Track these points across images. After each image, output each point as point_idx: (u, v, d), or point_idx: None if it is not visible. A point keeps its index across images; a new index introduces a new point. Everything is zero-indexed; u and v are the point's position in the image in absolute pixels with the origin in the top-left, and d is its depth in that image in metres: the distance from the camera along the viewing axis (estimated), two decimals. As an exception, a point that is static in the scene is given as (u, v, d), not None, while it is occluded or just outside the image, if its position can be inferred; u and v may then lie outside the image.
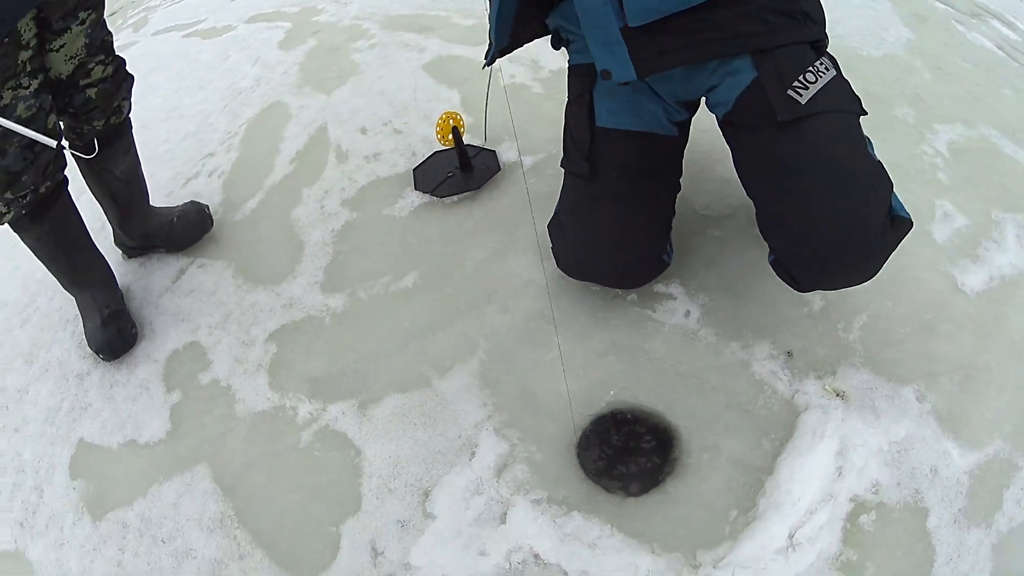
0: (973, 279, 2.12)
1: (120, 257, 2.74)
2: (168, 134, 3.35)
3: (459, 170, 2.59)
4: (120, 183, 2.44)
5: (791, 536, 1.67)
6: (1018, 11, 3.61)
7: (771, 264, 1.83)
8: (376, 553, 1.81)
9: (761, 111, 1.67)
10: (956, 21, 3.36)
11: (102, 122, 2.23)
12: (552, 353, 2.04)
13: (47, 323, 2.67)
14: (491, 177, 2.56)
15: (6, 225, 2.16)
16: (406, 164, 2.76)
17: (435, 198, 2.56)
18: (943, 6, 3.46)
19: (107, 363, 2.41)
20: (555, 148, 2.24)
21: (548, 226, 2.13)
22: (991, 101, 2.80)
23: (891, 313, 2.03)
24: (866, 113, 1.74)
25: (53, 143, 1.94)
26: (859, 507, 1.71)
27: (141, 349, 2.42)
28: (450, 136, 2.52)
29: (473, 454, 1.91)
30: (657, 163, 1.95)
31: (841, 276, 1.70)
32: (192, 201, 2.77)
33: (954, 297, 2.07)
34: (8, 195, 2.04)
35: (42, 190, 2.11)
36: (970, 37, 3.24)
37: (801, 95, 1.62)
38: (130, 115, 2.37)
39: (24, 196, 2.07)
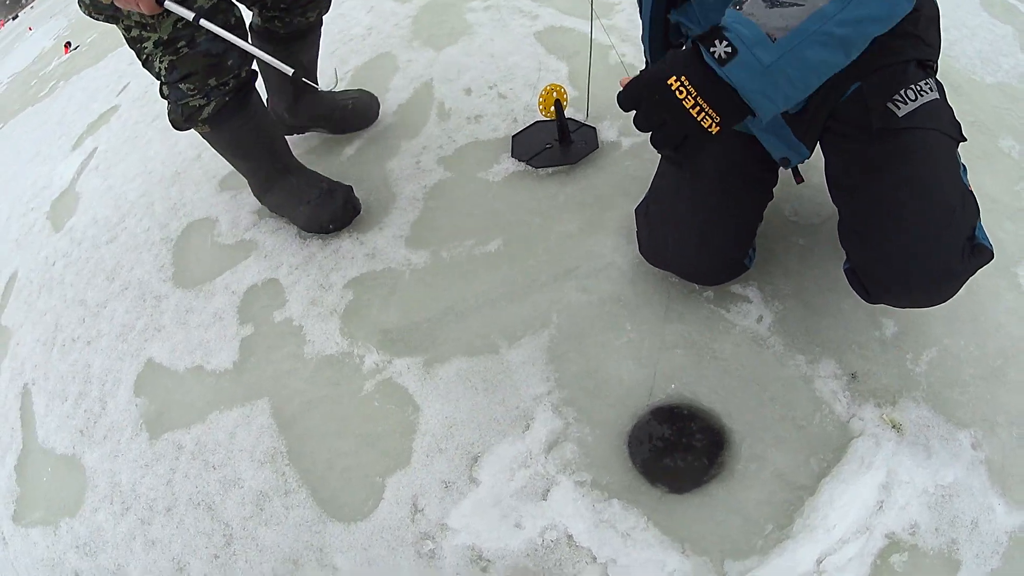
0: (1053, 331, 2.12)
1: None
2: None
3: (557, 143, 2.69)
4: (302, 70, 2.41)
5: (819, 562, 1.74)
6: None
7: (845, 271, 1.89)
8: (416, 510, 1.94)
9: (858, 119, 1.75)
10: (1079, 56, 3.29)
11: (314, 14, 2.49)
12: (621, 338, 2.15)
13: (133, 243, 2.89)
14: (588, 154, 2.66)
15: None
16: (506, 130, 2.86)
17: (530, 168, 2.67)
18: (1071, 38, 3.39)
19: (186, 289, 2.60)
20: (657, 133, 2.33)
21: (636, 210, 2.21)
22: (1107, 149, 2.75)
23: (962, 352, 2.05)
24: (965, 139, 1.79)
25: (248, 48, 2.02)
26: (893, 545, 1.75)
27: (221, 279, 2.61)
28: (552, 108, 2.61)
29: (527, 427, 2.02)
30: (755, 167, 2.03)
31: (912, 293, 1.72)
32: (363, 89, 3.01)
33: (1029, 346, 2.09)
34: (212, 81, 2.15)
35: (243, 74, 2.25)
36: (1092, 74, 3.17)
37: (900, 108, 1.70)
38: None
39: (227, 83, 2.19)
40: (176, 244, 2.81)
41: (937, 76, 1.84)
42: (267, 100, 2.82)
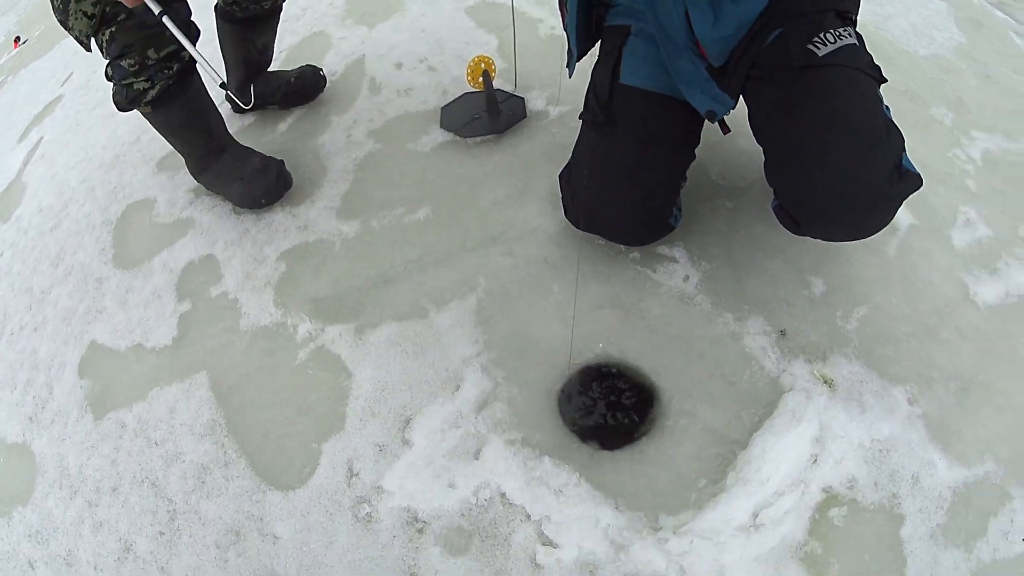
0: (987, 291, 2.10)
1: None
2: (211, 52, 3.39)
3: (486, 113, 2.61)
4: (256, 52, 2.67)
5: (755, 515, 1.69)
6: (1087, 29, 3.51)
7: (773, 209, 1.87)
8: (352, 474, 1.86)
9: (780, 62, 1.72)
10: (1014, 32, 3.30)
11: (269, 3, 2.46)
12: (547, 300, 2.08)
13: (76, 228, 2.76)
14: (516, 123, 2.59)
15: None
16: (436, 102, 2.78)
17: (459, 138, 2.59)
18: (1003, 15, 3.41)
19: (126, 270, 2.49)
20: (581, 101, 2.26)
21: (559, 175, 2.15)
22: (1039, 117, 2.75)
23: (894, 309, 2.02)
24: (885, 80, 1.75)
25: (210, 69, 1.99)
26: (831, 499, 1.72)
27: (159, 258, 2.49)
28: (480, 79, 2.54)
29: (457, 388, 1.95)
30: (674, 128, 1.97)
31: (843, 218, 1.69)
32: (308, 64, 2.93)
33: (963, 306, 2.06)
34: (151, 54, 2.08)
35: (186, 57, 2.18)
36: (1026, 49, 3.17)
37: (820, 49, 1.67)
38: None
39: (171, 66, 2.14)
40: (116, 227, 2.68)
41: (869, 47, 1.81)
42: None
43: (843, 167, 1.60)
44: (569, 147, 2.16)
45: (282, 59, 3.20)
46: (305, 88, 2.87)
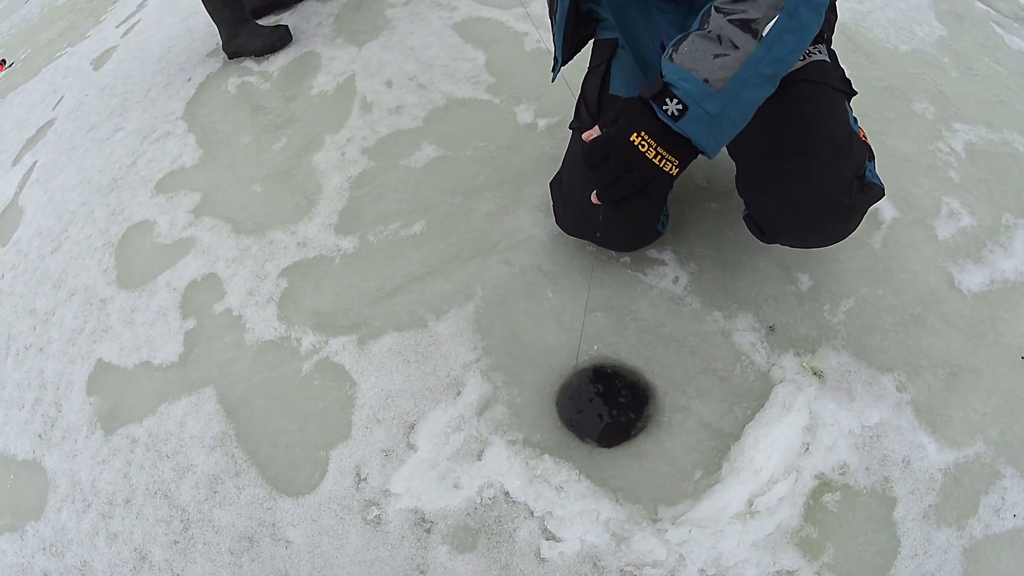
0: (972, 279, 2.19)
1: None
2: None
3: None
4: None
5: (750, 503, 1.76)
6: (1070, 18, 3.59)
7: (744, 219, 1.92)
8: (360, 478, 1.93)
9: None
10: (995, 23, 3.38)
11: None
12: (543, 306, 2.16)
13: (77, 250, 2.83)
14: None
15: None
16: (426, 118, 2.86)
17: (450, 153, 2.69)
18: (984, 7, 3.48)
19: (130, 290, 2.56)
20: (570, 113, 2.33)
21: (550, 184, 2.23)
22: (1021, 107, 2.84)
23: (880, 301, 2.10)
24: (855, 93, 1.83)
25: None
26: (824, 485, 1.79)
27: (162, 278, 2.56)
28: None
29: (459, 393, 2.02)
30: None
31: (803, 228, 1.76)
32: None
33: (949, 294, 2.14)
34: None
35: None
36: (1008, 40, 3.26)
37: None
38: None
39: None
40: (117, 248, 2.75)
41: (848, 46, 1.89)
42: None
43: (800, 179, 1.68)
44: (557, 158, 2.24)
45: (273, 79, 3.29)
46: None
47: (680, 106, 1.45)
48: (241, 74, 3.43)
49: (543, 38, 3.11)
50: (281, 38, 3.50)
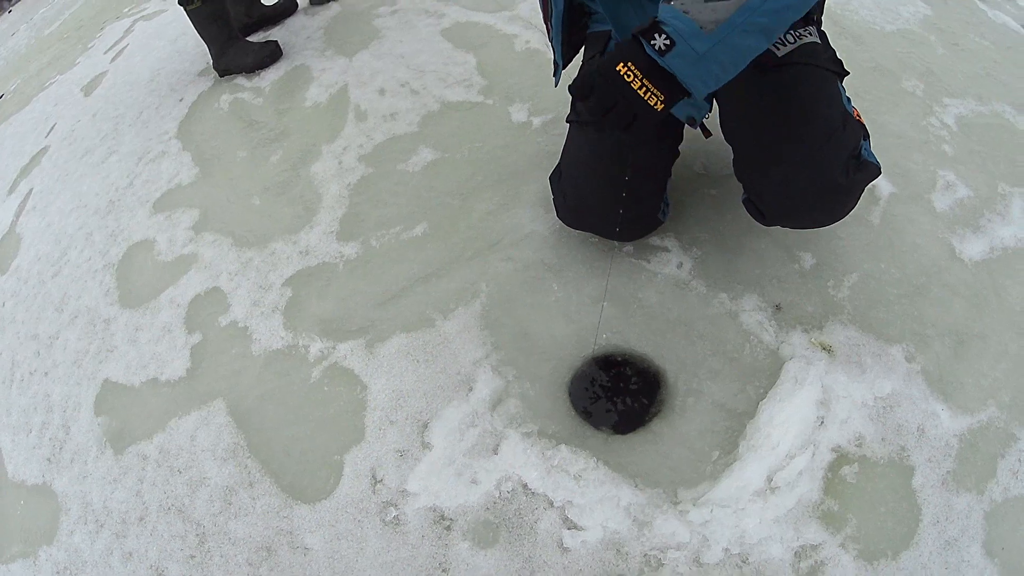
0: (972, 248, 2.21)
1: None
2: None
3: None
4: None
5: (769, 479, 1.77)
6: (1052, -9, 3.62)
7: (743, 203, 1.96)
8: (376, 480, 1.93)
9: None
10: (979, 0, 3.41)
11: None
12: (549, 299, 2.17)
13: (77, 273, 2.83)
14: None
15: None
16: (420, 124, 2.87)
17: (446, 155, 2.70)
18: (968, -18, 3.50)
19: (133, 309, 2.56)
20: (563, 109, 2.34)
21: (550, 178, 2.24)
22: (1007, 79, 2.87)
23: (883, 275, 2.12)
24: (847, 73, 1.86)
25: None
26: (841, 458, 1.79)
27: (165, 295, 2.56)
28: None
29: (471, 389, 2.02)
30: (659, 127, 2.04)
31: (802, 209, 1.79)
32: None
33: (951, 264, 2.16)
34: None
35: None
36: (991, 15, 3.30)
37: (780, 49, 1.78)
38: None
39: None
40: (118, 268, 2.75)
41: (836, 29, 1.94)
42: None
43: (797, 161, 1.71)
44: (553, 154, 2.26)
45: (266, 94, 3.31)
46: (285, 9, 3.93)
47: (668, 41, 1.45)
48: (233, 91, 3.44)
49: (531, 38, 3.13)
50: (271, 53, 3.52)
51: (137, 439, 2.24)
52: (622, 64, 1.51)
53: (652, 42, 1.46)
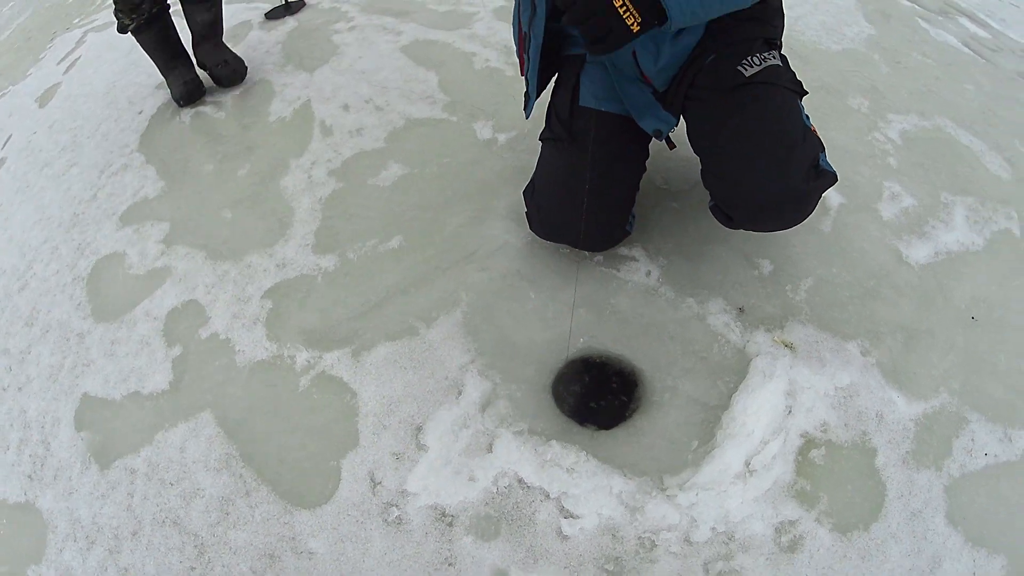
0: (918, 252, 2.39)
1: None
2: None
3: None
4: (197, 24, 3.49)
5: (747, 463, 1.91)
6: (992, 9, 3.90)
7: (710, 209, 2.11)
8: (375, 483, 1.99)
9: (713, 83, 1.98)
10: (921, 18, 3.64)
11: None
12: (527, 306, 2.28)
13: (45, 287, 2.82)
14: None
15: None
16: (387, 139, 2.96)
17: (416, 170, 2.80)
18: (909, 3, 3.75)
19: (108, 322, 2.57)
20: (527, 127, 2.44)
21: (524, 192, 2.36)
22: (949, 95, 3.08)
23: (836, 278, 2.29)
24: (806, 92, 2.02)
25: None
26: (809, 443, 1.95)
27: (140, 308, 2.58)
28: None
29: (460, 393, 2.11)
30: (630, 144, 2.22)
31: (767, 213, 1.93)
32: (237, 57, 3.59)
33: (898, 267, 2.34)
34: (133, 15, 3.19)
35: (154, 10, 3.23)
36: (933, 34, 3.53)
37: (747, 70, 1.93)
38: None
39: (143, 14, 3.21)
40: (88, 282, 2.75)
41: (784, 50, 2.11)
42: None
43: (764, 170, 1.85)
44: (520, 168, 2.38)
45: (228, 108, 3.34)
46: (231, 76, 3.56)
47: None
48: (194, 105, 3.46)
49: (491, 57, 3.23)
50: (235, 71, 3.51)
51: (123, 453, 2.24)
52: None
53: None
